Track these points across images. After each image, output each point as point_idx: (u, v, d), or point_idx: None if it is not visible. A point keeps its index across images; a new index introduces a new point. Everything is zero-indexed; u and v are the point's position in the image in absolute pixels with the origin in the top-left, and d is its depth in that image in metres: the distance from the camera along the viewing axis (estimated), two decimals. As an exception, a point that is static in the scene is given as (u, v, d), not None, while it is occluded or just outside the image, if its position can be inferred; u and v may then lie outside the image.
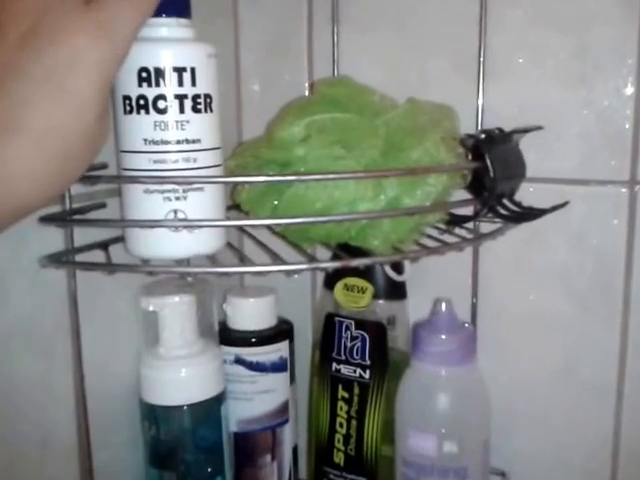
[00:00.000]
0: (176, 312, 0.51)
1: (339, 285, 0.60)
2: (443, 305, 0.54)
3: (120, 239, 0.48)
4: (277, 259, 0.44)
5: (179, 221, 0.42)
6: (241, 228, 0.57)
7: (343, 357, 0.59)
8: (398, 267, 0.59)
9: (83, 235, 0.48)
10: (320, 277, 0.65)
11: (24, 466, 0.47)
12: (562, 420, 0.60)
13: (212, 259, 0.46)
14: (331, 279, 0.61)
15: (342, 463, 0.60)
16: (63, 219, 0.46)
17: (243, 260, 0.49)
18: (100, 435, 0.51)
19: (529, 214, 0.52)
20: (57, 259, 0.45)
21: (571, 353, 0.58)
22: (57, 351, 0.49)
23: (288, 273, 0.43)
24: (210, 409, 0.52)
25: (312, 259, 0.47)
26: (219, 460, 0.53)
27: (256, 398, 0.57)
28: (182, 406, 0.51)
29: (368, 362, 0.58)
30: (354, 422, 0.59)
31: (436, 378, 0.54)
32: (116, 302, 0.53)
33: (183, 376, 0.51)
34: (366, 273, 0.59)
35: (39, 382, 0.47)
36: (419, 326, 0.55)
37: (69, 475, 0.50)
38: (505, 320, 0.60)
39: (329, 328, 0.60)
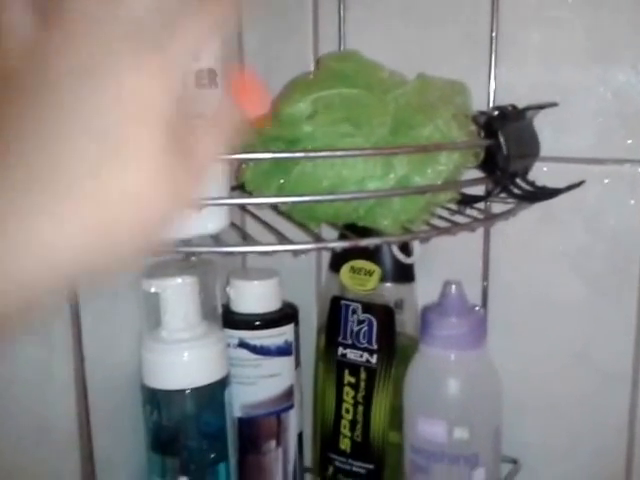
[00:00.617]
0: (178, 294, 0.49)
1: (345, 268, 0.58)
2: (453, 288, 0.53)
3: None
4: (283, 239, 0.43)
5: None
6: (244, 208, 0.55)
7: (349, 341, 0.58)
8: (406, 249, 0.57)
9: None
10: (325, 260, 0.63)
11: (22, 452, 0.45)
12: (575, 407, 0.58)
13: (216, 239, 0.45)
14: (337, 261, 0.59)
15: (348, 450, 0.59)
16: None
17: (247, 240, 0.48)
18: (101, 420, 0.50)
19: (543, 193, 0.50)
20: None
21: (585, 338, 0.57)
22: (56, 334, 0.47)
23: (295, 253, 0.41)
24: (213, 393, 0.51)
25: (319, 239, 0.45)
26: (223, 446, 0.52)
27: (260, 382, 0.56)
28: (184, 390, 0.49)
29: (375, 346, 0.57)
30: (361, 408, 0.58)
31: (445, 362, 0.52)
32: (117, 284, 0.52)
33: (185, 360, 0.50)
34: (373, 255, 0.57)
35: (37, 366, 0.46)
36: (428, 309, 0.54)
37: (69, 462, 0.49)
38: (517, 304, 0.58)
39: (335, 312, 0.58)
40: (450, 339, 0.52)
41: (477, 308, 0.55)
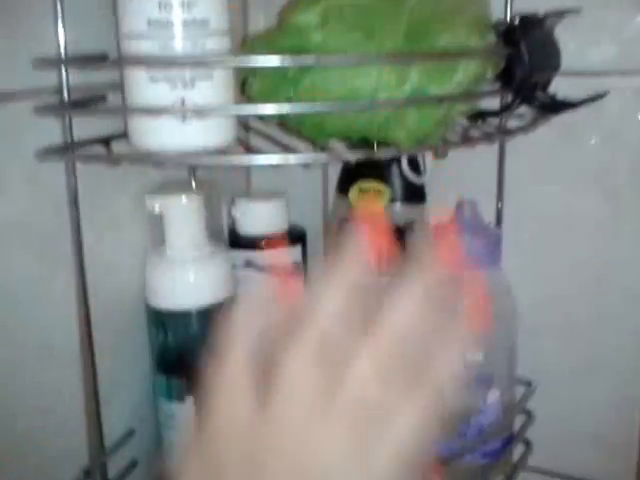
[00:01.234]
0: (183, 213, 0.48)
1: (354, 189, 0.57)
2: (467, 206, 0.51)
3: (123, 135, 0.44)
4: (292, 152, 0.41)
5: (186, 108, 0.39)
6: (248, 127, 0.53)
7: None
8: (417, 168, 0.55)
9: (83, 130, 0.44)
10: (332, 183, 0.61)
11: (23, 372, 0.44)
12: (593, 329, 0.57)
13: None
14: (345, 183, 0.58)
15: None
16: (60, 108, 0.42)
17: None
18: (104, 341, 0.48)
19: (564, 105, 0.48)
20: (55, 151, 0.41)
21: (604, 257, 0.55)
22: (57, 251, 0.45)
23: (305, 166, 0.39)
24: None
25: (330, 151, 0.43)
26: (230, 367, 0.51)
27: (268, 304, 0.55)
28: (191, 310, 0.48)
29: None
30: (370, 331, 0.57)
31: (458, 283, 0.51)
32: (119, 204, 0.50)
33: (192, 279, 0.48)
34: (383, 175, 0.55)
35: (38, 283, 0.44)
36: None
37: (72, 381, 0.48)
38: (533, 224, 0.57)
39: (343, 234, 0.57)
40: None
41: (492, 226, 0.54)
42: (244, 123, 0.53)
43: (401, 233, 0.55)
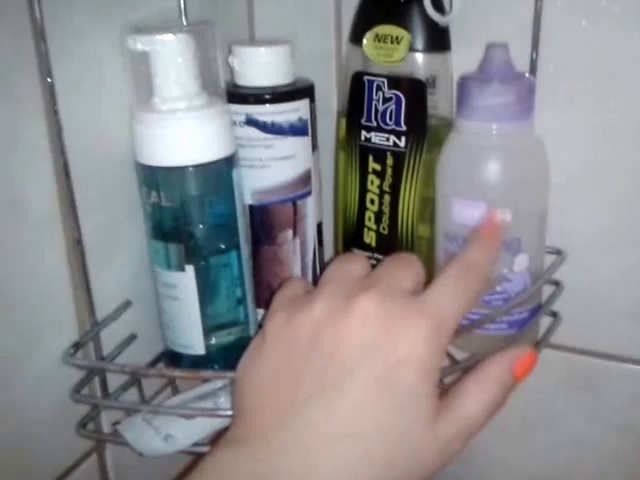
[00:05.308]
0: (171, 52, 0.41)
1: (369, 36, 0.50)
2: (497, 50, 0.45)
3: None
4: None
5: None
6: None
7: (374, 123, 0.51)
8: (441, 6, 0.49)
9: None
10: (345, 32, 0.54)
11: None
12: (630, 195, 0.50)
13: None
14: (359, 30, 0.51)
15: (373, 243, 0.53)
16: None
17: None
18: (87, 202, 0.43)
19: None
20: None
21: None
22: (21, 88, 0.39)
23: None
24: (219, 173, 0.44)
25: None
26: (232, 233, 0.46)
27: (273, 165, 0.49)
28: (186, 167, 0.43)
29: (404, 127, 0.50)
30: (387, 197, 0.52)
31: (486, 136, 0.45)
32: (97, 45, 0.43)
33: (186, 131, 0.42)
34: (402, 18, 0.49)
35: (2, 128, 0.39)
36: (467, 77, 0.46)
37: (52, 246, 0.43)
38: (571, 76, 0.49)
39: (357, 90, 0.51)
40: (492, 109, 0.45)
41: (526, 75, 0.47)
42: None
43: (422, 85, 0.49)
